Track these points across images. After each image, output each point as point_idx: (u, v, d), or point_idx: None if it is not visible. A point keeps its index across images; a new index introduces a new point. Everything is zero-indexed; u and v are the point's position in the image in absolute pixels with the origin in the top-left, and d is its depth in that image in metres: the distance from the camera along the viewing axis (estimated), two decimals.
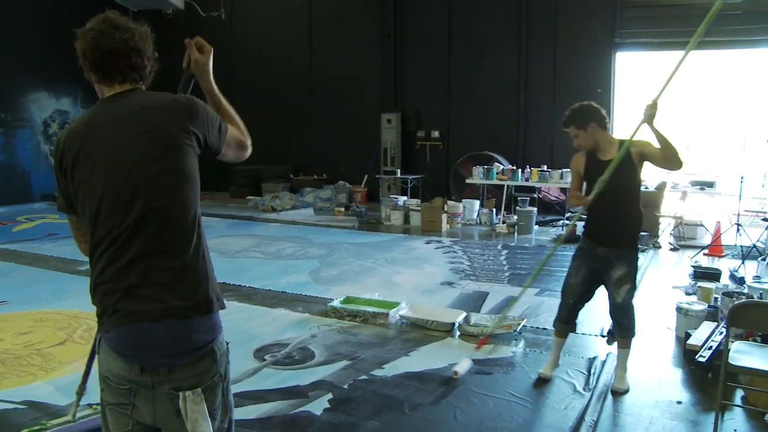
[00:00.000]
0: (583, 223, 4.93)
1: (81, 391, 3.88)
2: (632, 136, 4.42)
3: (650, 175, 11.38)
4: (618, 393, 4.59)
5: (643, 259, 9.18)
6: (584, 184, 4.64)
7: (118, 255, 2.07)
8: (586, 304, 4.85)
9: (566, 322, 4.86)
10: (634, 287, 4.57)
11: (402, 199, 13.15)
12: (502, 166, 12.68)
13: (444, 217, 11.74)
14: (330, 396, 4.58)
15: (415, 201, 12.92)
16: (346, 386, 4.76)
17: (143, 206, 2.05)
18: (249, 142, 2.41)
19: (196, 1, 16.15)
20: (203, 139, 2.19)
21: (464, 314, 6.20)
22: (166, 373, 2.06)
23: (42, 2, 15.95)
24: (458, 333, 5.90)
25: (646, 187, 10.97)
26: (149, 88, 2.29)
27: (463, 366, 5.01)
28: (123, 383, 2.10)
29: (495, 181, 12.40)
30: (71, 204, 2.22)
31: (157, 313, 2.02)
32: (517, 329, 5.86)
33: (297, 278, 8.09)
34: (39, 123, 16.55)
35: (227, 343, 2.25)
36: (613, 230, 4.51)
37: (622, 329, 4.63)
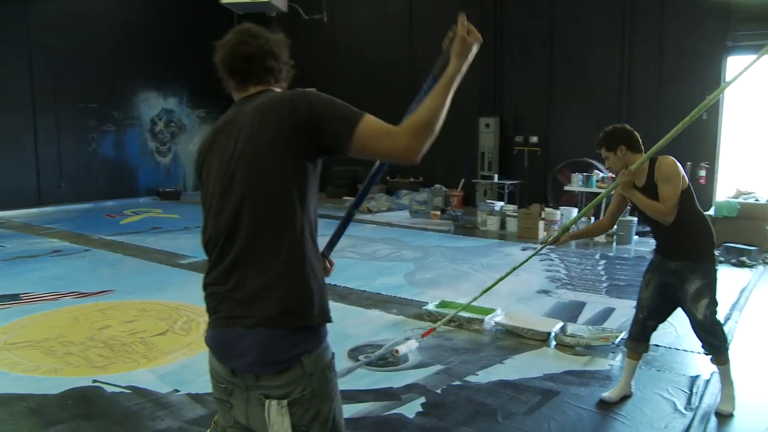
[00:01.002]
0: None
1: None
2: (611, 188, 4.45)
3: (761, 187, 10.87)
4: (723, 415, 4.38)
5: (750, 275, 8.78)
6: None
7: (220, 257, 2.10)
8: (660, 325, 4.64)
9: (637, 339, 4.63)
10: (714, 302, 4.30)
11: (498, 204, 13.00)
12: (601, 174, 12.36)
13: (541, 224, 11.54)
14: (423, 400, 4.56)
15: (511, 207, 12.76)
16: (439, 391, 4.73)
17: (241, 208, 2.05)
18: (411, 139, 1.99)
19: (299, 4, 16.45)
20: (317, 137, 2.04)
21: (561, 324, 6.06)
22: (254, 379, 2.06)
23: (151, 5, 16.61)
24: (554, 343, 5.78)
25: (756, 200, 10.48)
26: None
27: (405, 347, 5.17)
28: (221, 381, 2.16)
29: (594, 189, 12.10)
30: None
31: (248, 320, 2.02)
32: (615, 342, 5.69)
33: (392, 280, 8.11)
34: (147, 121, 17.23)
35: (331, 359, 2.16)
36: (678, 246, 4.31)
37: (711, 349, 4.39)
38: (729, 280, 8.24)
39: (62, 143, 15.21)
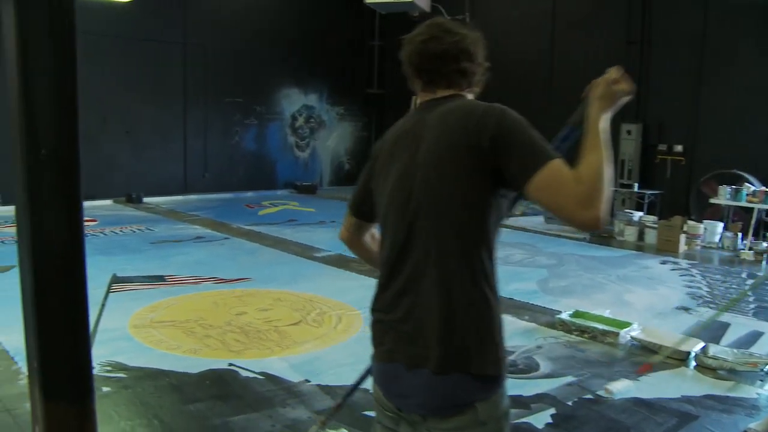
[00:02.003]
0: None
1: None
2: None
3: None
4: None
5: None
6: None
7: (391, 280, 1.92)
8: None
9: None
10: None
11: (637, 214, 12.50)
12: (753, 187, 11.62)
13: (682, 237, 10.99)
14: (553, 411, 4.42)
15: (651, 218, 12.23)
16: (570, 403, 4.57)
17: (414, 230, 1.85)
18: (587, 204, 1.67)
19: (441, 4, 16.46)
20: (501, 164, 1.78)
21: (702, 344, 5.72)
22: (421, 419, 1.87)
23: (295, 5, 17.10)
24: (694, 364, 5.47)
25: None
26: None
27: (617, 386, 4.70)
28: (388, 410, 1.98)
29: (743, 203, 11.39)
30: (359, 207, 2.20)
31: (413, 359, 1.83)
32: (764, 369, 5.31)
33: (525, 286, 7.94)
34: (288, 116, 17.74)
35: (507, 406, 1.94)
36: None
37: None
38: None
39: (208, 136, 15.99)
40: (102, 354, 4.91)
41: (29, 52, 2.33)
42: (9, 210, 12.07)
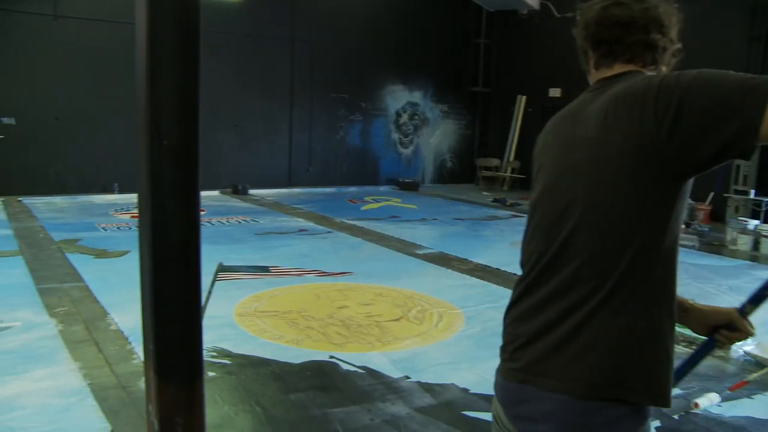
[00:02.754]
0: None
1: None
2: None
3: None
4: None
5: None
6: None
7: (533, 286, 1.65)
8: None
9: None
10: None
11: (753, 222, 11.91)
12: None
13: None
14: (658, 423, 4.26)
15: None
16: (676, 416, 4.39)
17: (566, 231, 1.59)
18: None
19: (551, 1, 16.16)
20: (688, 145, 1.44)
21: None
22: None
23: (401, 2, 17.13)
24: None
25: None
26: None
27: (706, 400, 4.48)
28: (504, 430, 1.74)
29: None
30: None
31: (551, 381, 1.56)
32: None
33: None
34: (392, 113, 17.82)
35: None
36: None
37: None
38: None
39: (313, 131, 16.30)
40: (208, 340, 5.06)
41: (157, 45, 2.42)
42: (125, 198, 12.66)
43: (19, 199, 12.48)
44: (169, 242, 2.46)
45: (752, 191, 13.51)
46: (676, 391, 4.71)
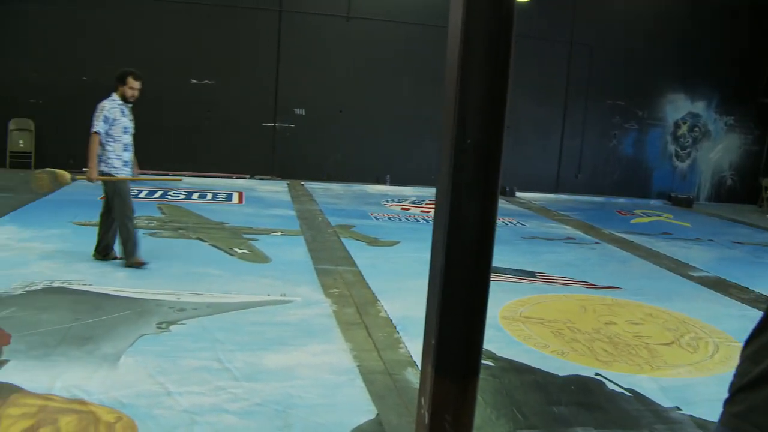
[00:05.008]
0: None
1: None
2: None
3: None
4: None
5: None
6: None
7: None
8: None
9: None
10: None
11: None
12: None
13: None
14: None
15: None
16: None
17: None
18: None
19: None
20: None
21: None
22: None
23: (683, 5, 16.01)
24: None
25: None
26: None
27: None
28: None
29: None
30: None
31: None
32: None
33: None
34: (670, 123, 16.79)
35: None
36: None
37: None
38: None
39: (585, 137, 15.84)
40: None
41: (469, 47, 2.44)
42: (396, 189, 13.24)
43: (302, 183, 13.56)
44: (463, 240, 2.49)
45: None
46: None
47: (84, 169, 6.56)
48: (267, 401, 3.95)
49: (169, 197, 10.79)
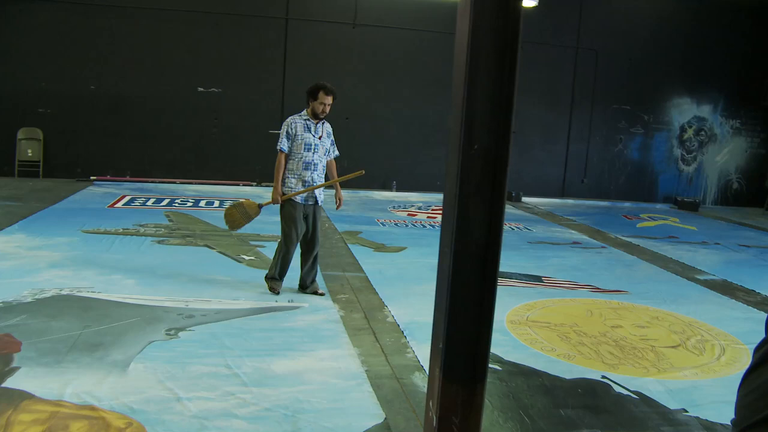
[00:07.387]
0: None
1: None
2: None
3: None
4: None
5: None
6: None
7: None
8: None
9: None
10: None
11: None
12: None
13: None
14: None
15: None
16: None
17: None
18: None
19: None
20: None
21: None
22: None
23: (686, 10, 16.02)
24: None
25: None
26: None
27: None
28: None
29: None
30: None
31: None
32: None
33: None
34: (676, 127, 16.77)
35: None
36: None
37: None
38: None
39: (591, 142, 15.85)
40: None
41: (476, 53, 2.47)
42: (402, 195, 13.26)
43: None
44: (470, 245, 2.52)
45: None
46: None
47: (93, 177, 6.59)
48: (276, 406, 3.98)
49: (176, 205, 10.85)
